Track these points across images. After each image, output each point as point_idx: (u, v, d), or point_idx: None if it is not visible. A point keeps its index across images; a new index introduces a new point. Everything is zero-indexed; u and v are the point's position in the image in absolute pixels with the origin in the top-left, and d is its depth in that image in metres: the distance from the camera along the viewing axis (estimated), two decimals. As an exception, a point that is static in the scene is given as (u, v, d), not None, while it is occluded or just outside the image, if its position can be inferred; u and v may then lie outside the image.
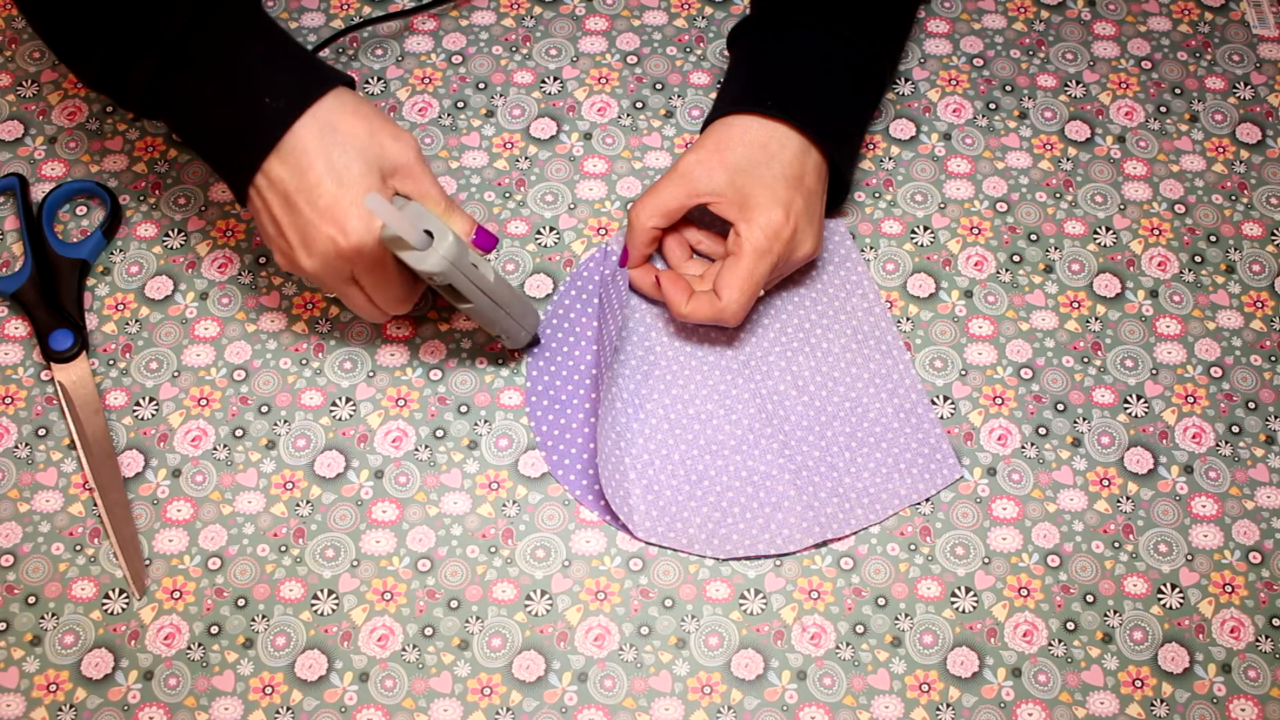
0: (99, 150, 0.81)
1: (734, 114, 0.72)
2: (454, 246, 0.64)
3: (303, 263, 0.66)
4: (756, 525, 0.70)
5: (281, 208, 0.65)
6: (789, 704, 0.67)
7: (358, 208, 0.64)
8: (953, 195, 0.80)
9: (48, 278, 0.76)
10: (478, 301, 0.67)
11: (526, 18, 0.86)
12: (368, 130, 0.65)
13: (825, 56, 0.73)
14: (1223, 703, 0.67)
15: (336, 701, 0.66)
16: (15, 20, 0.86)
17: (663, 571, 0.70)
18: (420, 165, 0.67)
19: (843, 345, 0.75)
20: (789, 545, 0.70)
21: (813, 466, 0.71)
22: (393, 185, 0.67)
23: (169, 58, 0.65)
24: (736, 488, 0.71)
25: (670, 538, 0.70)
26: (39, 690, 0.67)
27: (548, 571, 0.70)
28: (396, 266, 0.67)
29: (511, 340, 0.72)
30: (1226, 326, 0.77)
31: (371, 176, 0.65)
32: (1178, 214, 0.80)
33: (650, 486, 0.71)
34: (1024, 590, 0.69)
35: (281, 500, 0.71)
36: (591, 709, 0.66)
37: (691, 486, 0.71)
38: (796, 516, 0.70)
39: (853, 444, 0.72)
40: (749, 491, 0.71)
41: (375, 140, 0.65)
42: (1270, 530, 0.71)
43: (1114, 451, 0.73)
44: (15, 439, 0.73)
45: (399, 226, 0.61)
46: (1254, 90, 0.85)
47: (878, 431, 0.72)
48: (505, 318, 0.70)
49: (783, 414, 0.73)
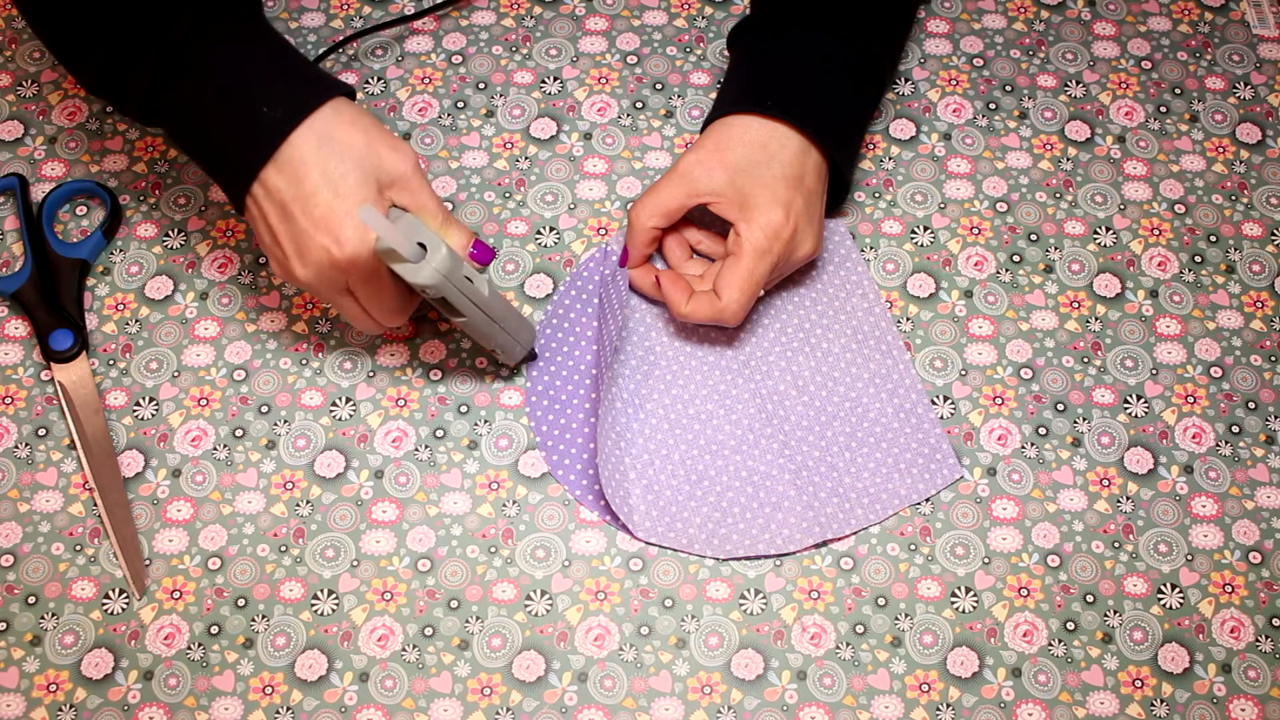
0: (99, 150, 0.81)
1: (734, 114, 0.72)
2: (447, 260, 0.64)
3: (297, 272, 0.66)
4: (756, 525, 0.70)
5: (277, 217, 0.65)
6: (789, 704, 0.67)
7: (352, 218, 0.64)
8: (953, 195, 0.80)
9: (47, 278, 0.76)
10: (471, 315, 0.67)
11: (526, 18, 0.86)
12: (365, 141, 0.65)
13: (825, 56, 0.73)
14: (1223, 703, 0.67)
15: (336, 701, 0.66)
16: (15, 20, 0.86)
17: (663, 571, 0.70)
18: (418, 177, 0.67)
19: (843, 345, 0.75)
20: (789, 545, 0.70)
21: (813, 466, 0.71)
22: (389, 197, 0.66)
23: (167, 65, 0.65)
24: (736, 488, 0.71)
25: (670, 538, 0.70)
26: (39, 690, 0.67)
27: (548, 571, 0.70)
28: (391, 278, 0.67)
29: (506, 355, 0.72)
30: (1226, 326, 0.77)
31: (368, 187, 0.65)
32: (1178, 214, 0.80)
33: (650, 486, 0.71)
34: (1024, 590, 0.69)
35: (281, 500, 0.71)
36: (591, 709, 0.66)
37: (691, 486, 0.71)
38: (796, 516, 0.70)
39: (853, 444, 0.72)
40: (749, 491, 0.71)
41: (373, 151, 0.65)
42: (1270, 530, 0.71)
43: (1114, 451, 0.73)
44: (15, 439, 0.73)
45: (392, 239, 0.61)
46: (1254, 90, 0.85)
47: (878, 431, 0.72)
48: (500, 332, 0.70)
49: (783, 414, 0.73)
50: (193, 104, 0.65)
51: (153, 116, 0.67)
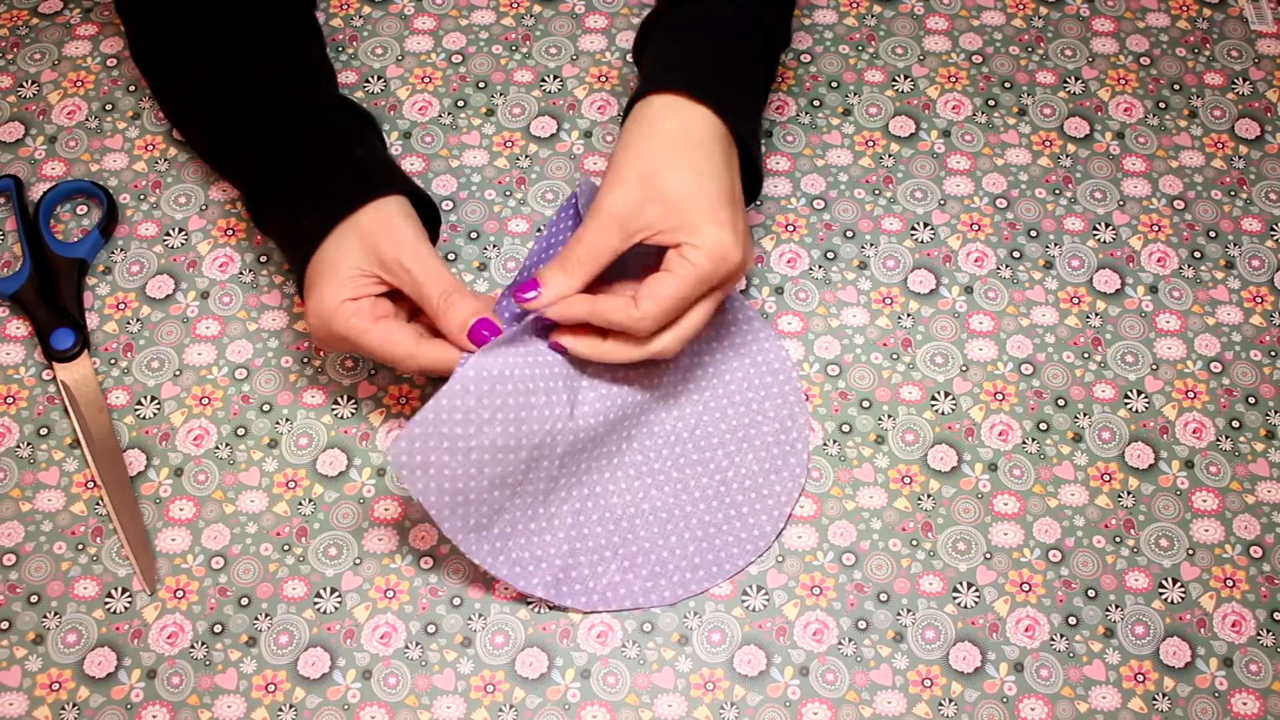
0: (99, 149, 0.81)
1: (650, 95, 0.67)
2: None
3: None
4: (641, 577, 0.69)
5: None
6: (791, 700, 0.67)
7: (320, 299, 0.67)
8: (952, 191, 0.81)
9: (47, 278, 0.76)
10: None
11: (526, 16, 0.86)
12: (375, 229, 0.67)
13: (721, 28, 0.70)
14: (1224, 696, 0.67)
15: (340, 699, 0.66)
16: (19, 25, 0.86)
17: (665, 568, 0.70)
18: (411, 255, 0.66)
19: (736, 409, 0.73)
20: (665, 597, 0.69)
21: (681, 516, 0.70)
22: (387, 280, 0.67)
23: (251, 180, 0.71)
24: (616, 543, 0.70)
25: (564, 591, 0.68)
26: (41, 689, 0.67)
27: (550, 568, 0.70)
28: (381, 335, 0.67)
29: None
30: (1226, 322, 0.77)
31: (359, 257, 0.67)
32: (1177, 210, 0.80)
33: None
34: (1025, 585, 0.70)
35: (284, 499, 0.71)
36: (594, 705, 0.67)
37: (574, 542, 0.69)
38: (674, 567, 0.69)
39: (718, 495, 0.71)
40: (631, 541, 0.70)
41: (372, 233, 0.67)
42: (1271, 525, 0.71)
43: (1115, 446, 0.73)
44: (17, 438, 0.73)
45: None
46: (1252, 85, 0.85)
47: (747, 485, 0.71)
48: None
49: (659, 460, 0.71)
50: (266, 205, 0.71)
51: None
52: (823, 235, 0.79)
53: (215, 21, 0.74)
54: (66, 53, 0.85)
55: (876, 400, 0.74)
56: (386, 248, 0.66)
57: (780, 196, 0.80)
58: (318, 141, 0.70)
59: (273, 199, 0.70)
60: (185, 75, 0.74)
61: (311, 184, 0.69)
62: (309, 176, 0.69)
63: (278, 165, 0.70)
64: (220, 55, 0.73)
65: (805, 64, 0.85)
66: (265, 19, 0.75)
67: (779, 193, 0.80)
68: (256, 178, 0.70)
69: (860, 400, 0.74)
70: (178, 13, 0.74)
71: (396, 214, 0.67)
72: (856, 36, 0.86)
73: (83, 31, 0.85)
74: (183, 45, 0.74)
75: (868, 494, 0.72)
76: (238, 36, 0.73)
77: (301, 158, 0.70)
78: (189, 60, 0.74)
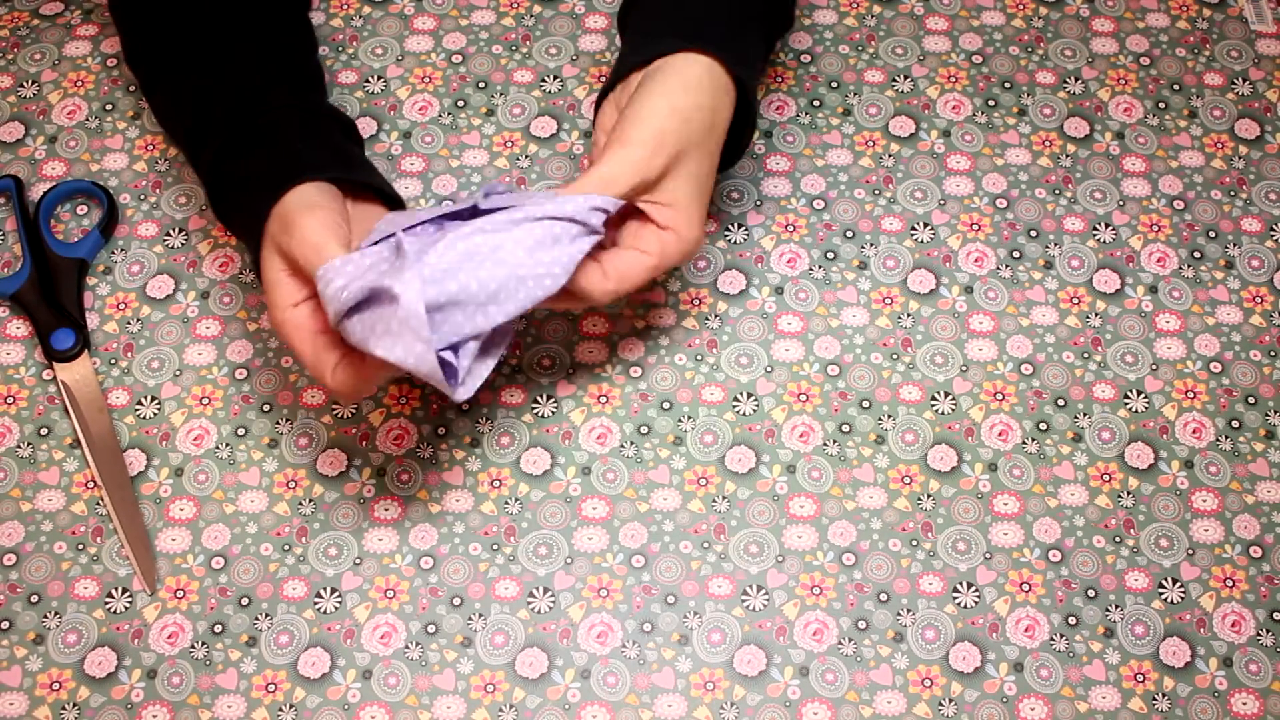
0: (99, 149, 0.81)
1: (689, 52, 0.66)
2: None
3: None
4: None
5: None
6: (791, 700, 0.67)
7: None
8: (952, 192, 0.81)
9: (47, 278, 0.76)
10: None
11: (526, 16, 0.86)
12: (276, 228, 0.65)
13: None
14: (1224, 696, 0.67)
15: (340, 699, 0.67)
16: (19, 26, 0.86)
17: (665, 568, 0.70)
18: (304, 215, 0.63)
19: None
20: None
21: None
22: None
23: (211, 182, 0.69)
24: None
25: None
26: (42, 689, 0.67)
27: (550, 568, 0.70)
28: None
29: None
30: (1226, 322, 0.77)
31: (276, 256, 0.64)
32: (1176, 210, 0.81)
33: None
34: (1025, 585, 0.70)
35: (284, 499, 0.71)
36: (594, 705, 0.67)
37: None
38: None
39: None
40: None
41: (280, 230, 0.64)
42: (1271, 525, 0.71)
43: (1114, 446, 0.73)
44: (18, 438, 0.73)
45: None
46: (1252, 86, 0.85)
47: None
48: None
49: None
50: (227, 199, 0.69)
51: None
52: (823, 235, 0.79)
53: (203, 29, 0.72)
54: (67, 53, 0.85)
55: (876, 400, 0.74)
56: (289, 245, 0.63)
57: (780, 196, 0.80)
58: (257, 143, 0.68)
59: (225, 198, 0.68)
60: (170, 83, 0.73)
61: (243, 186, 0.67)
62: (246, 179, 0.67)
63: (230, 164, 0.68)
64: (204, 64, 0.71)
65: (805, 64, 0.85)
66: (254, 26, 0.73)
67: (779, 193, 0.80)
68: (215, 179, 0.69)
69: (860, 400, 0.74)
70: (165, 19, 0.73)
71: (299, 206, 0.63)
72: (856, 36, 0.86)
73: (83, 32, 0.85)
74: (170, 53, 0.73)
75: (868, 494, 0.72)
76: (225, 45, 0.72)
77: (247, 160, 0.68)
78: (175, 69, 0.72)
